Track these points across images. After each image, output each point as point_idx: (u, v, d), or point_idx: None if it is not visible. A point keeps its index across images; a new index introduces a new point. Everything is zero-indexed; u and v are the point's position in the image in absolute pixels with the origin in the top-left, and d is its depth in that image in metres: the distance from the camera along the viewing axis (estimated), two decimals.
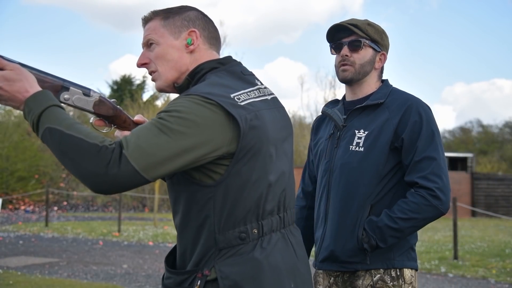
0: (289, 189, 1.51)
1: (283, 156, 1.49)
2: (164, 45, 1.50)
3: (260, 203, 1.40)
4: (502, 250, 9.67)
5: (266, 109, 1.45)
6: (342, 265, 1.97)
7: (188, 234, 1.44)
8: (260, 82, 1.54)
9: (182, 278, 1.42)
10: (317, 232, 2.07)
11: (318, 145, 2.16)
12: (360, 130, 1.99)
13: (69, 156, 1.26)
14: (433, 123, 1.96)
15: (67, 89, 1.49)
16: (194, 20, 1.53)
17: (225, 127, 1.33)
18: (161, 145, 1.27)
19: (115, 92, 27.85)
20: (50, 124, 1.29)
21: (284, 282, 1.40)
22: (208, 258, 1.39)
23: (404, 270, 1.95)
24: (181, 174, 1.41)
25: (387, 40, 2.10)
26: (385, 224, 1.88)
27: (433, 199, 1.87)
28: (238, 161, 1.36)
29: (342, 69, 2.05)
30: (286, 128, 1.55)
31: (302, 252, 1.52)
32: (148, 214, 19.50)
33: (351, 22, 2.05)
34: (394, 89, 2.07)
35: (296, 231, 1.54)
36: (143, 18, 1.55)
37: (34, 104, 1.33)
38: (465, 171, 22.03)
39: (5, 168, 20.00)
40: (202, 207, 1.39)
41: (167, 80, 1.52)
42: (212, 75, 1.47)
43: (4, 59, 1.38)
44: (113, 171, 1.23)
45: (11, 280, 6.42)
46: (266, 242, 1.40)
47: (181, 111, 1.31)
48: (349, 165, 1.97)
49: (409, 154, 1.92)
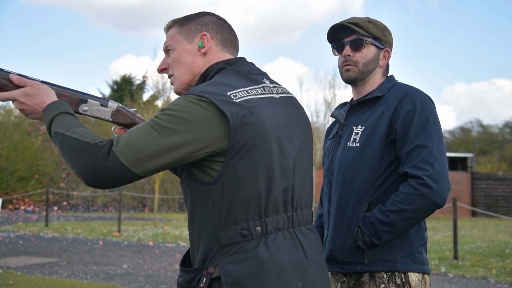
0: (299, 189, 1.50)
1: (291, 154, 1.48)
2: (178, 50, 1.58)
3: (261, 200, 1.40)
4: (502, 250, 9.67)
5: (267, 106, 1.46)
6: (341, 266, 1.91)
7: (194, 231, 1.47)
8: (269, 81, 1.56)
9: (191, 276, 1.44)
10: (325, 233, 2.04)
11: (325, 146, 2.15)
12: (357, 126, 1.95)
13: (68, 154, 1.38)
14: (430, 111, 1.86)
15: (85, 101, 1.64)
16: (207, 24, 1.59)
17: (216, 124, 1.36)
18: (149, 141, 1.33)
19: (115, 92, 27.85)
20: (56, 128, 1.43)
21: (289, 282, 1.39)
22: (213, 255, 1.40)
23: (410, 274, 1.85)
24: (185, 172, 1.46)
25: (390, 36, 2.05)
26: (377, 218, 1.80)
27: (422, 187, 1.76)
28: (233, 157, 1.37)
29: (345, 69, 2.01)
30: (300, 127, 1.55)
31: (315, 253, 1.50)
32: (148, 214, 19.50)
33: (352, 20, 2.01)
34: (397, 83, 2.01)
35: (309, 232, 1.52)
36: (164, 27, 1.65)
37: (48, 113, 1.48)
38: (465, 171, 22.03)
39: (5, 168, 20.00)
40: (203, 204, 1.42)
41: (182, 82, 1.59)
42: (218, 76, 1.51)
43: (26, 77, 1.55)
44: (101, 166, 1.31)
45: (11, 280, 6.42)
46: (271, 240, 1.40)
47: (173, 109, 1.37)
48: (345, 161, 1.93)
49: (402, 145, 1.84)
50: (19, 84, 1.54)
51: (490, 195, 20.83)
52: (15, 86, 1.54)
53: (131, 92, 26.18)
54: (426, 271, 1.90)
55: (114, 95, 27.02)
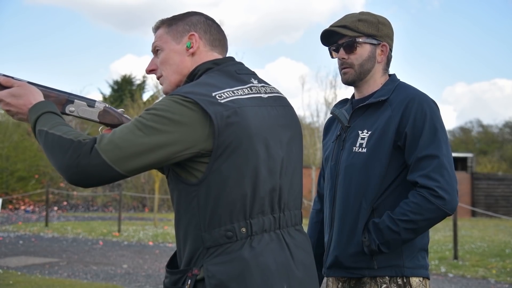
0: (286, 190, 1.49)
1: (278, 154, 1.47)
2: (167, 50, 1.57)
3: (246, 201, 1.39)
4: (502, 250, 9.67)
5: (253, 106, 1.45)
6: (348, 271, 1.89)
7: (180, 233, 1.46)
8: (258, 81, 1.54)
9: (177, 277, 1.43)
10: (325, 238, 2.01)
11: (326, 147, 2.10)
12: (363, 130, 1.91)
13: (50, 151, 1.38)
14: (437, 118, 1.85)
15: (71, 102, 1.63)
16: (195, 24, 1.58)
17: (200, 124, 1.36)
18: (133, 140, 1.33)
19: (115, 92, 27.88)
20: (40, 127, 1.43)
21: (274, 283, 1.38)
22: (197, 257, 1.40)
23: (412, 277, 1.86)
24: (171, 173, 1.45)
25: (386, 29, 1.98)
26: (387, 226, 1.79)
27: (436, 199, 1.76)
28: (217, 158, 1.37)
29: (343, 72, 1.98)
30: (289, 127, 1.54)
31: (302, 255, 1.49)
32: (148, 214, 19.49)
33: (341, 23, 1.96)
34: (400, 83, 1.97)
35: (298, 234, 1.51)
36: (153, 27, 1.64)
37: (33, 113, 1.47)
38: (465, 171, 22.02)
39: (5, 168, 20.00)
40: (189, 205, 1.42)
41: (171, 83, 1.58)
42: (204, 76, 1.50)
43: (13, 78, 1.55)
44: (83, 163, 1.31)
45: (11, 280, 6.42)
46: (256, 241, 1.39)
47: (158, 109, 1.37)
48: (352, 167, 1.89)
49: (411, 152, 1.82)
50: (5, 84, 1.54)
51: (490, 195, 20.82)
52: (1, 87, 1.54)
53: (131, 92, 26.19)
54: (427, 276, 1.91)
55: (114, 95, 27.03)
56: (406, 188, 1.85)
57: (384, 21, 2.00)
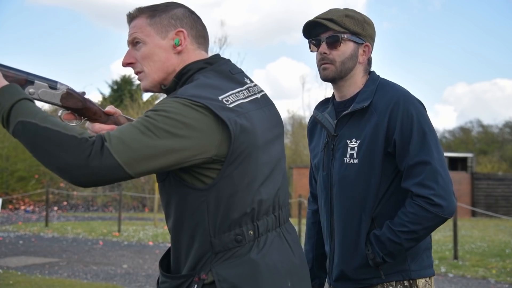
0: (283, 188, 1.50)
1: (274, 155, 1.47)
2: (150, 45, 1.46)
3: (255, 205, 1.39)
4: (502, 250, 9.67)
5: (255, 110, 1.44)
6: (356, 282, 1.87)
7: (182, 238, 1.42)
8: (249, 80, 1.52)
9: (178, 282, 1.41)
10: (326, 247, 2.00)
11: (315, 154, 2.04)
12: (351, 139, 1.86)
13: (46, 149, 1.23)
14: (424, 120, 1.80)
15: (31, 83, 1.44)
16: (181, 18, 1.49)
17: (213, 130, 1.31)
18: (146, 142, 1.25)
19: (115, 92, 27.87)
20: (23, 118, 1.25)
21: (281, 282, 1.40)
22: (205, 262, 1.38)
23: (418, 279, 1.85)
24: (172, 177, 1.39)
25: (370, 29, 1.91)
26: (388, 238, 1.77)
27: (433, 207, 1.73)
28: (230, 164, 1.34)
29: (323, 67, 1.89)
30: (277, 127, 1.53)
31: (298, 249, 1.51)
32: (148, 214, 19.48)
33: (327, 16, 1.87)
34: (381, 82, 1.90)
35: (291, 228, 1.53)
36: (128, 14, 1.50)
37: (3, 99, 1.28)
38: (465, 171, 22.01)
39: (5, 168, 19.99)
40: (195, 210, 1.38)
41: (153, 81, 1.49)
42: (199, 76, 1.44)
43: None
44: (94, 164, 1.21)
45: (11, 280, 6.42)
46: (262, 242, 1.40)
47: (169, 111, 1.29)
48: (346, 179, 1.85)
49: (402, 159, 1.78)
50: None
51: (490, 195, 20.81)
52: None
53: (131, 92, 26.17)
54: (433, 274, 1.90)
55: (114, 95, 27.03)
56: (402, 193, 1.83)
57: (369, 21, 1.93)
